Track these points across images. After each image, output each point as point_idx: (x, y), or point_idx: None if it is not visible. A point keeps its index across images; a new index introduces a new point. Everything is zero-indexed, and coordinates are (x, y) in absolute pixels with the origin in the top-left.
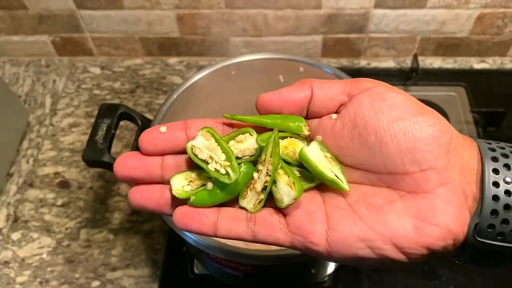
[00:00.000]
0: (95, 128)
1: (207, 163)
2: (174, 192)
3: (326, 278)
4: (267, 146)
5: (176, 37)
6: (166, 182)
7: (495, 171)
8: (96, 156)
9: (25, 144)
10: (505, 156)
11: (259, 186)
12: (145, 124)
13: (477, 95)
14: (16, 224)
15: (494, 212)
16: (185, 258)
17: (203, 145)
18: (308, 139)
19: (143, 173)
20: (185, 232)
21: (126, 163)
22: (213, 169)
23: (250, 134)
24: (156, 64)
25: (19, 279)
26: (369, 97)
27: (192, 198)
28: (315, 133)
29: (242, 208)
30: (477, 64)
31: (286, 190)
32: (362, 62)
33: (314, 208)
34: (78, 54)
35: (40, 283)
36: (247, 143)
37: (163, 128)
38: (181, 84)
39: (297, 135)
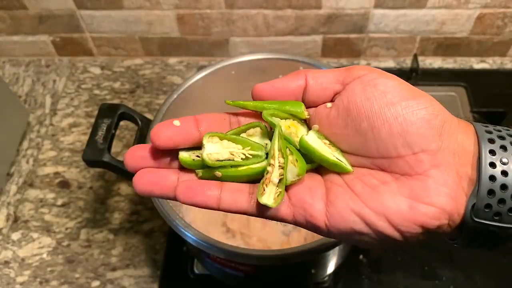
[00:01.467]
0: (95, 128)
1: (233, 159)
2: (180, 157)
3: (326, 278)
4: (274, 141)
5: (176, 37)
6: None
7: (492, 152)
8: (96, 156)
9: (25, 144)
10: (502, 138)
11: (275, 178)
12: (145, 124)
13: (477, 95)
14: (16, 224)
15: (491, 192)
16: (185, 258)
17: (217, 149)
18: (308, 123)
19: (153, 163)
20: (186, 232)
21: (135, 153)
22: (243, 158)
23: (261, 129)
24: (156, 64)
25: (19, 279)
26: (361, 84)
27: (200, 173)
28: (311, 123)
29: (263, 205)
30: (477, 64)
31: (290, 168)
32: (362, 62)
33: (315, 184)
34: (78, 54)
35: (40, 283)
36: (257, 137)
37: (176, 122)
38: (181, 84)
39: (297, 118)
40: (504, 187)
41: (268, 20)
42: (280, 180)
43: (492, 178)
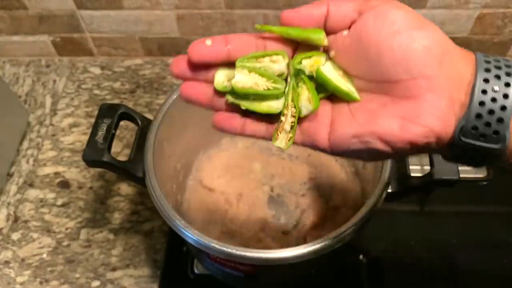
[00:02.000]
0: (95, 128)
1: (256, 88)
2: (215, 84)
3: (326, 278)
4: (288, 93)
5: (176, 37)
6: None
7: (486, 80)
8: (96, 156)
9: (25, 144)
10: (498, 68)
11: (288, 127)
12: (145, 124)
13: None
14: (16, 224)
15: (478, 115)
16: (185, 258)
17: (245, 79)
18: (327, 51)
19: (193, 73)
20: (186, 232)
21: (180, 63)
22: (265, 88)
23: (283, 58)
24: (156, 64)
25: (19, 279)
26: (374, 15)
27: (229, 99)
28: (330, 49)
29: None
30: None
31: (305, 104)
32: None
33: (323, 114)
34: (78, 54)
35: (40, 283)
36: (278, 65)
37: (208, 41)
38: (181, 84)
39: (317, 49)
40: (491, 111)
41: (268, 20)
42: (291, 127)
43: (482, 103)
